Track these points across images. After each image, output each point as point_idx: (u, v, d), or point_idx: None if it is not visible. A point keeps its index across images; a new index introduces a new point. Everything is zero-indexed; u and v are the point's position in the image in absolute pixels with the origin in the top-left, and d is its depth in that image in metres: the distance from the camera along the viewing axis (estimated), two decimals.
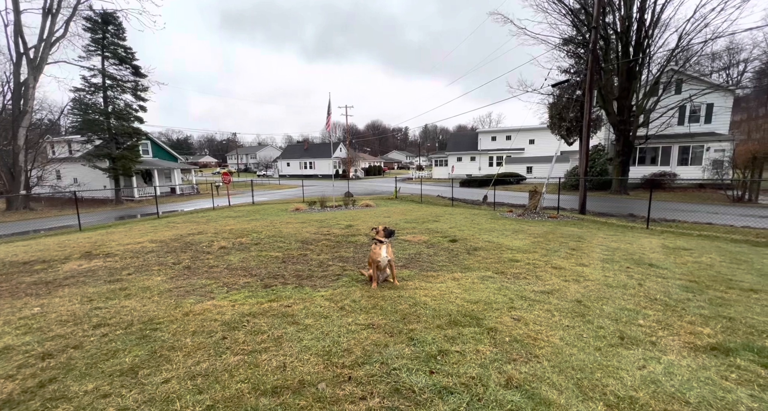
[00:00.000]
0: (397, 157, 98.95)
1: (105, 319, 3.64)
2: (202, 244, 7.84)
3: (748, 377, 2.53)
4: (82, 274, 5.68)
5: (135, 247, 7.74)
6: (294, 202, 20.15)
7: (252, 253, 6.92)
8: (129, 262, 6.43)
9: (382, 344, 3.06)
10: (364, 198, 20.96)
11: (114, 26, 24.67)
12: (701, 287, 4.83)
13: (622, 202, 18.08)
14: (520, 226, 10.42)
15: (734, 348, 2.95)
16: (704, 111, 24.95)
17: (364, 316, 3.72)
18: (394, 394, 2.36)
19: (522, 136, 38.96)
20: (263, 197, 24.48)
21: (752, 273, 5.68)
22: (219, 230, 9.85)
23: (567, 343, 3.06)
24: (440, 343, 3.06)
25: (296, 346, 3.05)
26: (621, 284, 4.88)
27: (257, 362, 2.77)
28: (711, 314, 3.79)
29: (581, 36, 22.31)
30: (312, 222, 11.58)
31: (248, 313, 3.79)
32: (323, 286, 4.91)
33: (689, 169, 24.10)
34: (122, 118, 25.20)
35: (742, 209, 15.61)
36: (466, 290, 4.56)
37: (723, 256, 6.88)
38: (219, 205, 19.33)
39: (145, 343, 3.11)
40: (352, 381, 2.52)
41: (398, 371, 2.63)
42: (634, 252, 7.10)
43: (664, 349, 2.95)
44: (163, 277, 5.31)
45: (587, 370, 2.62)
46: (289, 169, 60.84)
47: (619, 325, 3.48)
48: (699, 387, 2.40)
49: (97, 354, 2.93)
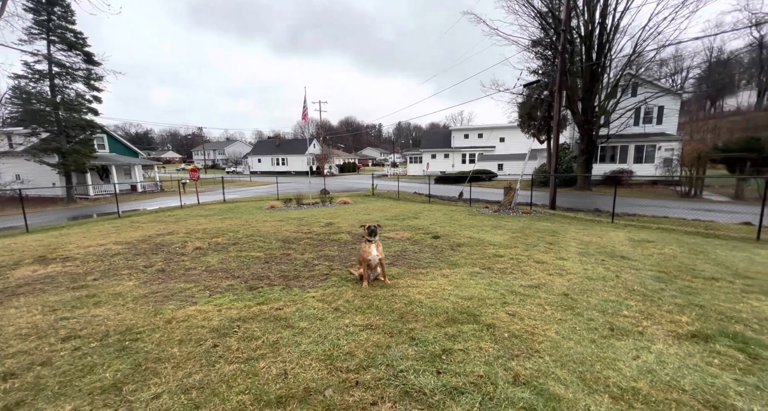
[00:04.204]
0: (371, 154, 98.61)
1: (75, 331, 3.29)
2: (174, 245, 7.36)
3: (729, 362, 2.72)
4: (39, 281, 5.14)
5: (98, 250, 7.14)
6: (268, 199, 19.53)
7: (231, 254, 6.59)
8: (93, 266, 5.90)
9: (384, 345, 3.00)
10: (341, 195, 20.69)
11: (61, 8, 22.56)
12: (670, 277, 5.17)
13: (587, 198, 19.08)
14: (498, 222, 10.69)
15: (711, 335, 3.16)
16: (656, 113, 26.84)
17: (361, 316, 3.63)
18: (404, 398, 2.31)
19: (493, 135, 40.08)
20: (234, 195, 23.51)
21: (710, 262, 6.17)
22: (191, 230, 9.31)
23: (563, 337, 3.15)
24: (442, 342, 3.04)
25: (295, 351, 2.91)
26: (600, 277, 5.12)
27: (256, 371, 2.62)
28: (684, 303, 4.05)
29: (549, 38, 23.21)
30: (290, 220, 11.26)
31: (237, 317, 3.58)
32: (312, 286, 4.76)
33: (644, 167, 25.88)
34: (73, 109, 23.16)
35: (689, 204, 17.00)
36: (458, 287, 4.59)
37: (682, 248, 7.42)
38: (187, 203, 18.33)
39: (126, 355, 2.84)
40: (359, 386, 2.43)
41: (405, 373, 2.58)
42: (606, 245, 7.49)
43: (651, 339, 3.12)
44: (135, 282, 4.91)
45: (587, 362, 2.71)
46: (260, 166, 58.88)
47: (607, 316, 3.64)
48: (690, 374, 2.54)
49: (71, 370, 2.64)
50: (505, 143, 40.15)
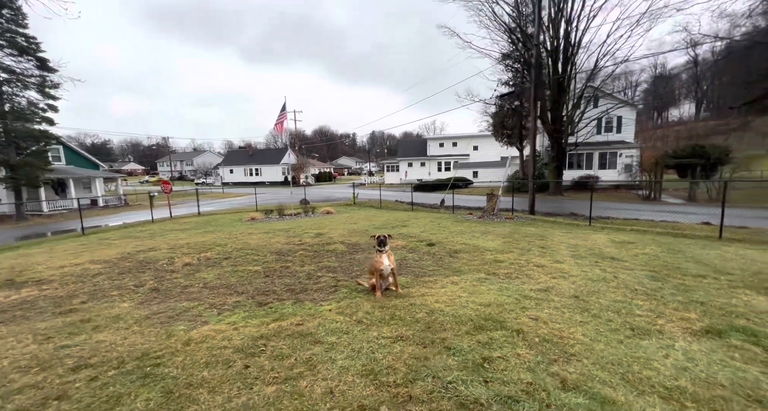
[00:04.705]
0: (346, 163, 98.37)
1: (83, 359, 2.97)
2: (160, 262, 6.90)
3: (750, 356, 2.90)
4: (16, 307, 4.61)
5: (74, 270, 6.54)
6: (247, 211, 18.87)
7: (226, 269, 6.27)
8: (74, 288, 5.39)
9: (421, 357, 2.94)
10: (322, 205, 20.39)
11: (11, 11, 20.97)
12: (662, 276, 5.48)
13: (560, 203, 20.00)
14: (486, 228, 10.93)
15: (723, 330, 3.37)
16: (616, 122, 28.85)
17: (387, 328, 3.55)
18: (462, 410, 2.26)
19: (467, 143, 41.29)
20: (209, 207, 22.52)
21: (690, 261, 6.60)
22: (174, 245, 8.78)
23: (591, 339, 3.23)
24: (478, 350, 3.03)
25: (333, 367, 2.79)
26: (600, 278, 5.34)
27: (300, 391, 2.47)
28: (685, 300, 4.30)
29: (518, 52, 24.44)
30: (277, 232, 10.92)
31: (259, 335, 3.38)
32: (324, 299, 4.61)
33: (607, 173, 27.61)
34: (24, 118, 21.41)
35: (651, 206, 18.26)
36: (472, 293, 4.61)
37: (661, 248, 7.90)
38: (158, 217, 17.32)
39: (152, 382, 2.59)
40: (414, 400, 2.36)
41: (455, 384, 2.53)
42: (592, 247, 7.84)
43: (671, 337, 3.27)
44: (130, 303, 4.53)
45: (624, 363, 2.79)
46: (232, 177, 56.91)
47: (622, 316, 3.78)
48: (721, 370, 2.69)
49: (95, 403, 2.36)
50: (478, 151, 41.46)
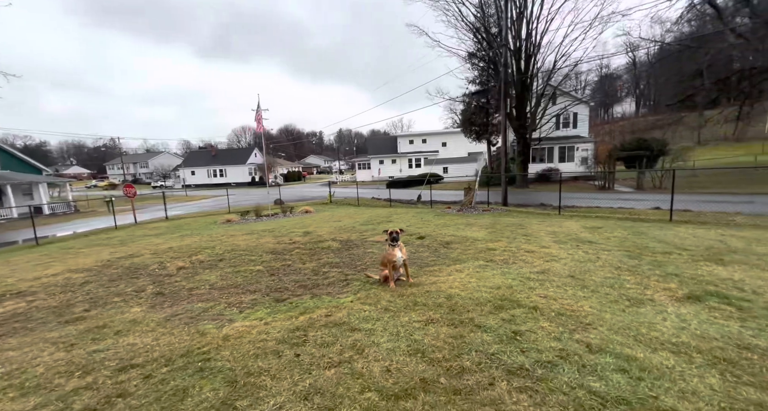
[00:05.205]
0: (315, 162, 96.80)
1: (126, 361, 2.89)
2: (150, 268, 6.60)
3: (727, 314, 3.44)
4: (11, 320, 4.28)
5: (54, 281, 6.10)
6: (219, 213, 18.21)
7: (226, 270, 6.15)
8: (66, 298, 5.06)
9: (457, 336, 3.18)
10: (299, 204, 20.10)
11: None
12: (636, 254, 6.14)
13: (528, 194, 21.21)
14: (467, 220, 11.44)
15: (701, 295, 3.93)
16: (572, 119, 30.95)
17: (414, 313, 3.76)
18: (512, 376, 2.53)
19: (436, 140, 42.31)
20: (175, 211, 21.38)
21: (654, 241, 7.40)
22: (156, 251, 8.38)
23: (598, 310, 3.65)
24: (506, 326, 3.33)
25: (380, 350, 2.96)
26: (586, 259, 5.89)
27: (359, 371, 2.62)
28: (662, 273, 4.90)
29: (483, 51, 25.46)
30: (261, 233, 10.73)
31: (294, 328, 3.46)
32: (339, 293, 4.73)
33: (567, 165, 29.57)
34: None
35: (607, 195, 19.91)
36: (479, 279, 4.94)
37: (626, 231, 8.75)
38: (121, 223, 16.22)
39: (211, 375, 2.62)
40: (466, 372, 2.60)
41: (497, 355, 2.80)
42: (569, 233, 8.53)
43: (662, 304, 3.77)
44: (141, 308, 4.37)
45: (632, 328, 3.21)
46: (194, 179, 54.03)
47: (616, 290, 4.27)
48: (709, 326, 3.18)
49: (163, 397, 2.36)
50: (447, 148, 42.65)
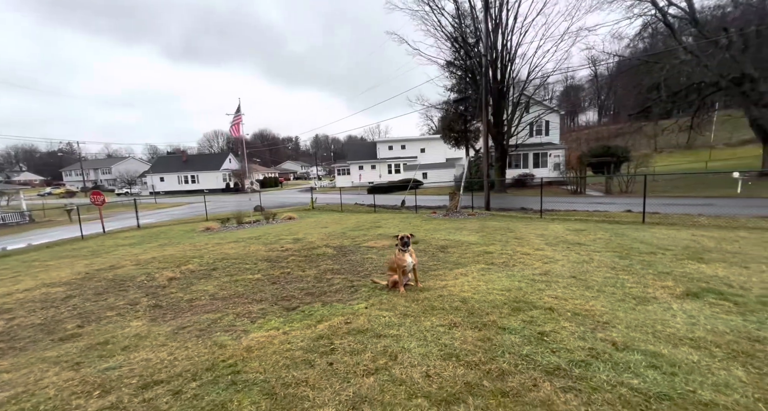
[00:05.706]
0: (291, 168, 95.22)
1: (145, 377, 2.67)
2: (138, 279, 6.20)
3: (727, 309, 3.68)
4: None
5: (31, 296, 5.58)
6: (196, 221, 17.46)
7: (223, 280, 5.88)
8: (50, 314, 4.63)
9: (485, 339, 3.21)
10: (281, 211, 19.63)
11: None
12: (625, 255, 6.45)
13: (507, 199, 21.88)
14: (455, 225, 11.61)
15: (698, 292, 4.19)
16: (545, 126, 32.40)
17: (435, 318, 3.76)
18: (552, 376, 2.58)
19: (415, 146, 42.85)
20: (147, 219, 20.27)
21: (636, 242, 7.80)
22: (138, 261, 7.89)
23: (610, 309, 3.79)
24: (530, 328, 3.39)
25: (413, 355, 2.92)
26: (581, 260, 6.13)
27: (399, 378, 2.57)
28: (655, 272, 5.18)
29: (461, 60, 26.21)
30: (248, 240, 10.38)
31: (316, 336, 3.35)
32: (350, 299, 4.65)
33: (541, 171, 30.84)
34: None
35: (580, 199, 20.88)
36: (487, 282, 5.01)
37: (607, 233, 9.19)
38: (87, 233, 15.15)
39: (246, 388, 2.47)
40: (506, 374, 2.62)
41: (532, 356, 2.85)
42: (557, 236, 8.84)
43: (666, 301, 3.98)
44: (141, 322, 4.07)
45: (648, 325, 3.36)
46: (163, 185, 51.49)
47: (620, 289, 4.46)
48: (716, 321, 3.38)
49: None
50: (425, 153, 43.30)
